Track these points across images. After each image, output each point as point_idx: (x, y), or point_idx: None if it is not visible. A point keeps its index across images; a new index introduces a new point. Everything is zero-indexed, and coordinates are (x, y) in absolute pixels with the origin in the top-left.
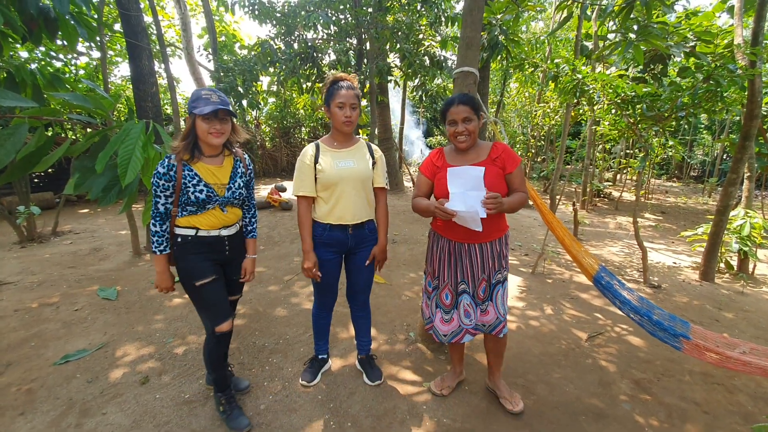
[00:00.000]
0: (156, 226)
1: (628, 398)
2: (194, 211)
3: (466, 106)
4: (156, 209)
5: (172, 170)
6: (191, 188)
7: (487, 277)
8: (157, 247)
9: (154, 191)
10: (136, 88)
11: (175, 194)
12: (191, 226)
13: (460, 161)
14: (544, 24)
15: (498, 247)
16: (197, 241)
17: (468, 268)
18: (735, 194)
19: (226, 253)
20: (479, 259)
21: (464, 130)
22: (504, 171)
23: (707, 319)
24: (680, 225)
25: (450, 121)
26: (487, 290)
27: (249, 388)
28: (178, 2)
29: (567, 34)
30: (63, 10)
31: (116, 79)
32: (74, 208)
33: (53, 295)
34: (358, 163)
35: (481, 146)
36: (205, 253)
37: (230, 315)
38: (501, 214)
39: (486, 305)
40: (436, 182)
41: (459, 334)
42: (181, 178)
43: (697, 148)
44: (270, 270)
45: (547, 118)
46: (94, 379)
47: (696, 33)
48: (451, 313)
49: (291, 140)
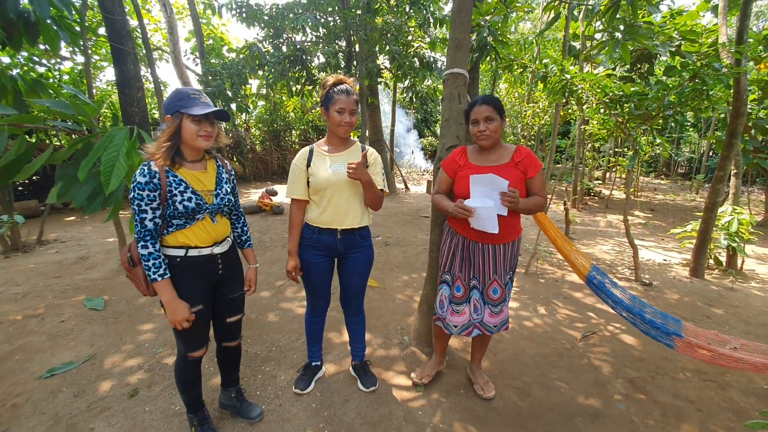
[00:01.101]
0: (148, 246)
1: (623, 398)
2: (182, 225)
3: (488, 105)
4: (143, 227)
5: (155, 178)
6: (178, 196)
7: (499, 278)
8: (156, 273)
9: (137, 207)
10: (122, 92)
11: (161, 206)
12: (180, 245)
13: (483, 161)
14: (531, 24)
15: (511, 249)
16: (187, 262)
17: (480, 267)
18: (723, 191)
19: (219, 273)
20: (491, 260)
21: (486, 129)
22: (525, 175)
23: (698, 316)
24: (669, 222)
25: (473, 120)
26: (501, 293)
27: (261, 416)
28: (164, 5)
29: (555, 35)
30: (43, 14)
31: (102, 84)
32: (60, 216)
33: (38, 306)
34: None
35: (504, 148)
36: (196, 276)
37: (207, 342)
38: (517, 216)
39: (501, 306)
40: (457, 180)
41: (468, 327)
42: (166, 186)
43: (683, 146)
44: (261, 276)
45: (536, 118)
46: (81, 392)
47: (681, 32)
48: (462, 305)
49: (281, 143)
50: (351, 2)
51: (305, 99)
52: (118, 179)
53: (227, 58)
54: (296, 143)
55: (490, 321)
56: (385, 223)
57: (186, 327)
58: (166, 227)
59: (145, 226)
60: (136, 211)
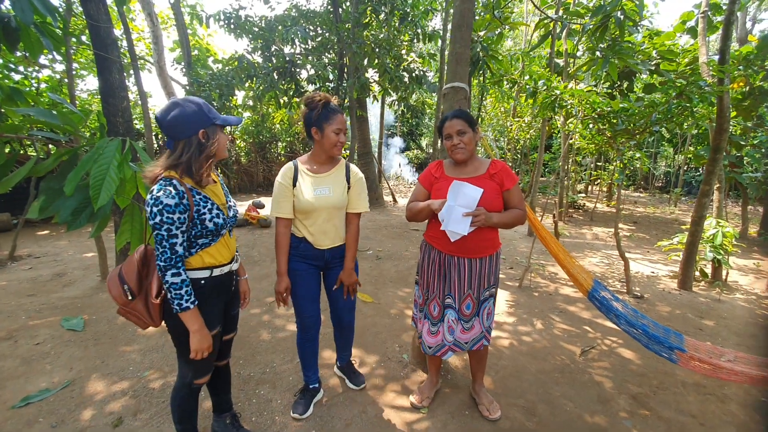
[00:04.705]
0: (181, 273)
1: (628, 414)
2: (207, 244)
3: (459, 119)
4: (174, 254)
5: (184, 198)
6: (207, 214)
7: (475, 294)
8: (188, 301)
9: (166, 232)
10: (106, 102)
11: (187, 227)
12: (205, 266)
13: (459, 173)
14: (512, 42)
15: (488, 264)
16: (212, 282)
17: (455, 282)
18: (708, 204)
19: (232, 290)
20: (467, 275)
21: (459, 142)
22: (501, 187)
23: (692, 328)
24: (653, 234)
25: (446, 135)
26: (473, 307)
27: None
28: (150, 15)
29: (539, 51)
30: (26, 20)
31: (82, 93)
32: (33, 230)
33: (10, 327)
34: (334, 191)
35: (479, 161)
36: (218, 297)
37: (213, 368)
38: (494, 231)
39: (472, 321)
40: (433, 192)
41: (442, 348)
42: (193, 206)
43: (660, 160)
44: (252, 292)
45: (522, 132)
46: (59, 422)
47: (660, 52)
48: (437, 325)
49: (267, 155)
50: (343, 16)
51: (293, 111)
52: (108, 193)
53: (213, 68)
54: (282, 155)
55: (461, 337)
56: (374, 236)
57: (205, 355)
58: (188, 249)
59: (176, 252)
60: (165, 237)
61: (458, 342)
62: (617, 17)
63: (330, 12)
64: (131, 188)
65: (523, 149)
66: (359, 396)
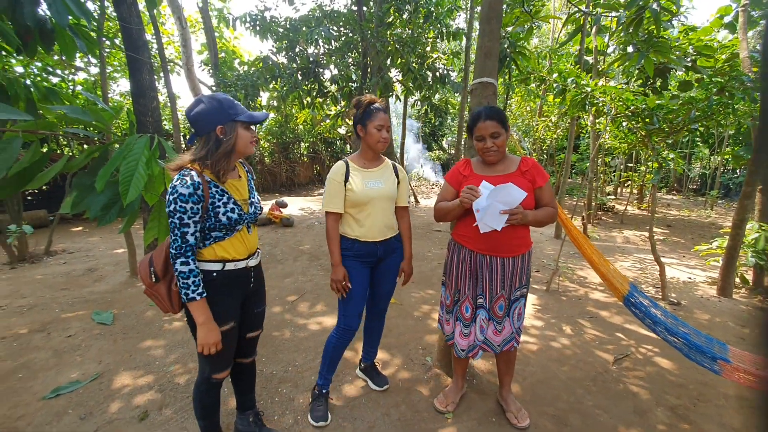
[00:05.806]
0: (190, 263)
1: (667, 427)
2: (221, 237)
3: (493, 120)
4: (184, 242)
5: (198, 189)
6: (221, 208)
7: (507, 294)
8: (195, 291)
9: (178, 220)
10: (136, 102)
11: (201, 218)
12: (218, 258)
13: (489, 171)
14: (538, 40)
15: (521, 263)
16: (224, 276)
17: (487, 282)
18: (750, 207)
19: (250, 287)
20: (499, 274)
21: (492, 145)
22: (533, 185)
23: (733, 338)
24: (688, 238)
25: (478, 137)
26: (505, 307)
27: None
28: (179, 19)
29: (566, 49)
30: (62, 22)
31: (115, 95)
32: (68, 227)
33: (44, 320)
34: (386, 183)
35: (509, 158)
36: (230, 292)
37: (232, 362)
38: (526, 229)
39: (504, 322)
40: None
41: (474, 348)
42: (208, 198)
43: (695, 161)
44: (274, 290)
45: (549, 132)
46: (87, 414)
47: (696, 48)
48: (470, 326)
49: (290, 155)
50: (366, 15)
51: (315, 111)
52: (138, 189)
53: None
54: (305, 155)
55: (493, 339)
56: None
57: (213, 352)
58: (202, 240)
59: (186, 240)
60: (177, 225)
61: (489, 342)
62: (653, 9)
63: (354, 11)
64: (159, 185)
65: (549, 149)
66: (382, 398)
